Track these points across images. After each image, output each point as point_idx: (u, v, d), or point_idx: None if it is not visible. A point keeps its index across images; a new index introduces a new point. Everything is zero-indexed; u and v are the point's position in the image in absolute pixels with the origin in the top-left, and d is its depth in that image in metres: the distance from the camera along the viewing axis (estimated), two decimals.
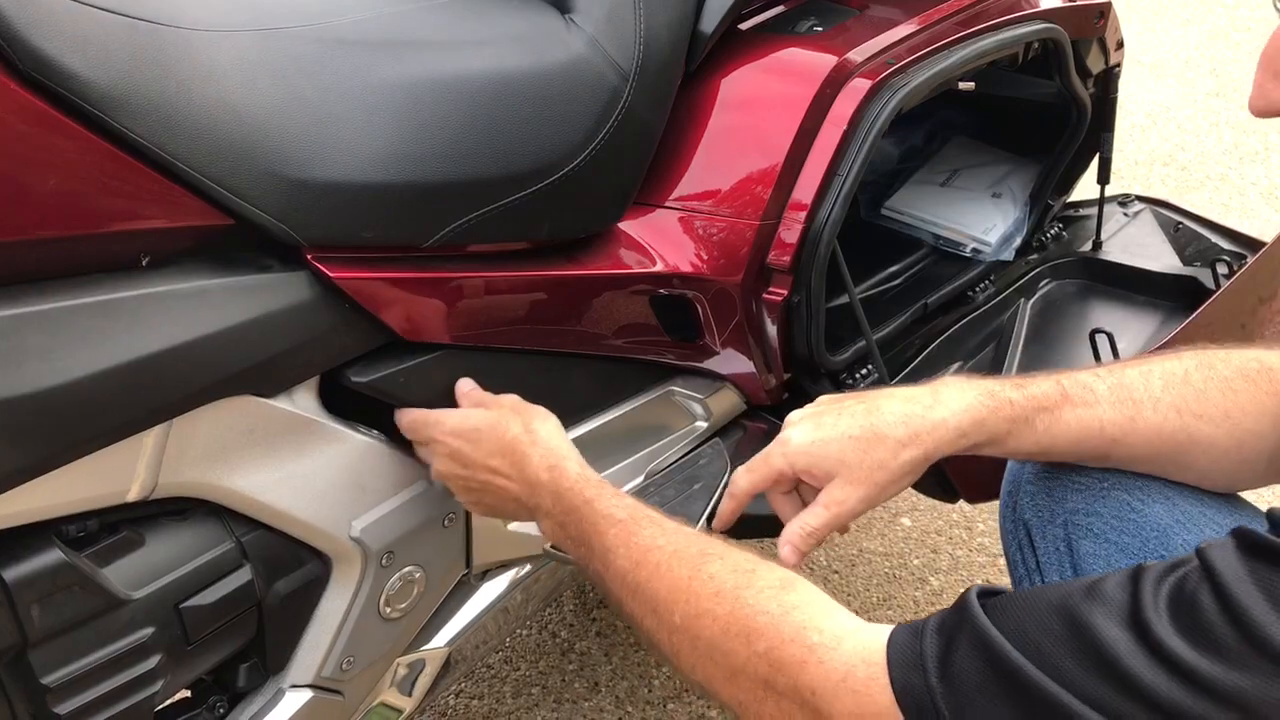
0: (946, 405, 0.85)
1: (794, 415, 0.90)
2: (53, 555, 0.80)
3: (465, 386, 0.99)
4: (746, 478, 0.90)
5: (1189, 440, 0.86)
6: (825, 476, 0.85)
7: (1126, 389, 0.86)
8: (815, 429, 0.86)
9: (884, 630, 0.69)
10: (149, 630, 0.86)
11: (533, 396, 1.06)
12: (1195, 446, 0.86)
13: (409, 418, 0.97)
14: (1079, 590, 0.64)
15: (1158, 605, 0.61)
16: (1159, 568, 0.64)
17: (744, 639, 0.72)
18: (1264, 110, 0.72)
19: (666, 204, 1.14)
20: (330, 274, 0.87)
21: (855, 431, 0.84)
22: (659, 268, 1.10)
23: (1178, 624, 0.59)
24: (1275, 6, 0.70)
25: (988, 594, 0.68)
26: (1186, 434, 0.85)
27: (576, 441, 1.13)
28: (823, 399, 0.91)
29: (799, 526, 0.86)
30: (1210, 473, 0.88)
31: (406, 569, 1.02)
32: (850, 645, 0.69)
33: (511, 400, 0.98)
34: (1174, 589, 0.61)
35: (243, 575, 0.91)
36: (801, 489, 0.90)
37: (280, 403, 0.89)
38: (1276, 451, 0.86)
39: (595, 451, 1.16)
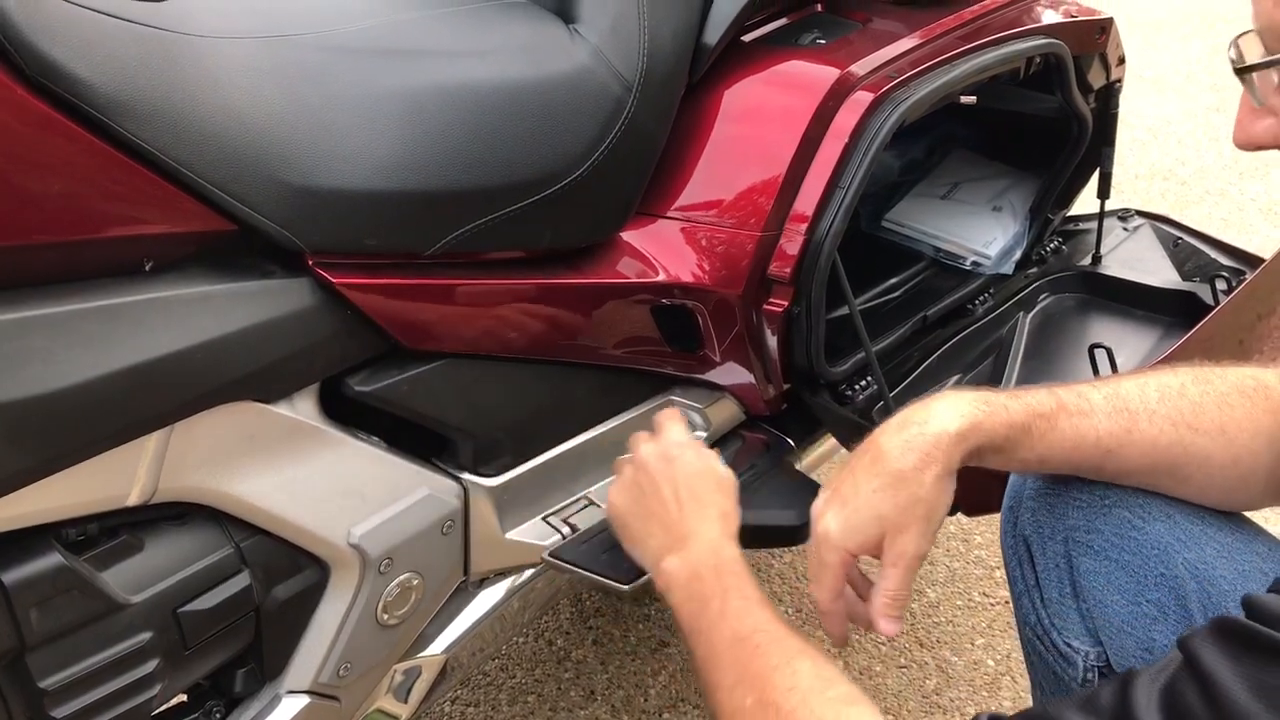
0: (941, 417, 0.85)
1: (817, 505, 0.90)
2: (52, 559, 0.80)
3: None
4: (823, 592, 0.90)
5: (1184, 454, 0.86)
6: (878, 541, 0.86)
7: (1123, 400, 0.87)
8: (843, 507, 0.87)
9: None
10: (147, 635, 0.86)
11: (534, 405, 1.07)
12: (1191, 460, 0.86)
13: (664, 415, 1.06)
14: (1076, 705, 0.65)
15: (1150, 708, 0.62)
16: (1149, 672, 0.65)
17: None
18: (1245, 145, 0.72)
19: (668, 214, 1.14)
20: (333, 279, 0.87)
21: (876, 485, 0.85)
22: (660, 278, 1.11)
23: None
24: (1231, 62, 0.71)
25: None
26: (1182, 447, 0.86)
27: (577, 451, 1.14)
28: (831, 477, 0.92)
29: (883, 597, 0.87)
30: (1206, 488, 0.88)
31: (404, 576, 1.02)
32: None
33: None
34: (1164, 693, 0.62)
35: (241, 580, 0.91)
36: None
37: (281, 409, 0.90)
38: (1274, 470, 0.86)
39: (595, 461, 1.17)
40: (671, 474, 0.99)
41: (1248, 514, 0.93)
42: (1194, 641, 0.62)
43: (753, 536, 1.26)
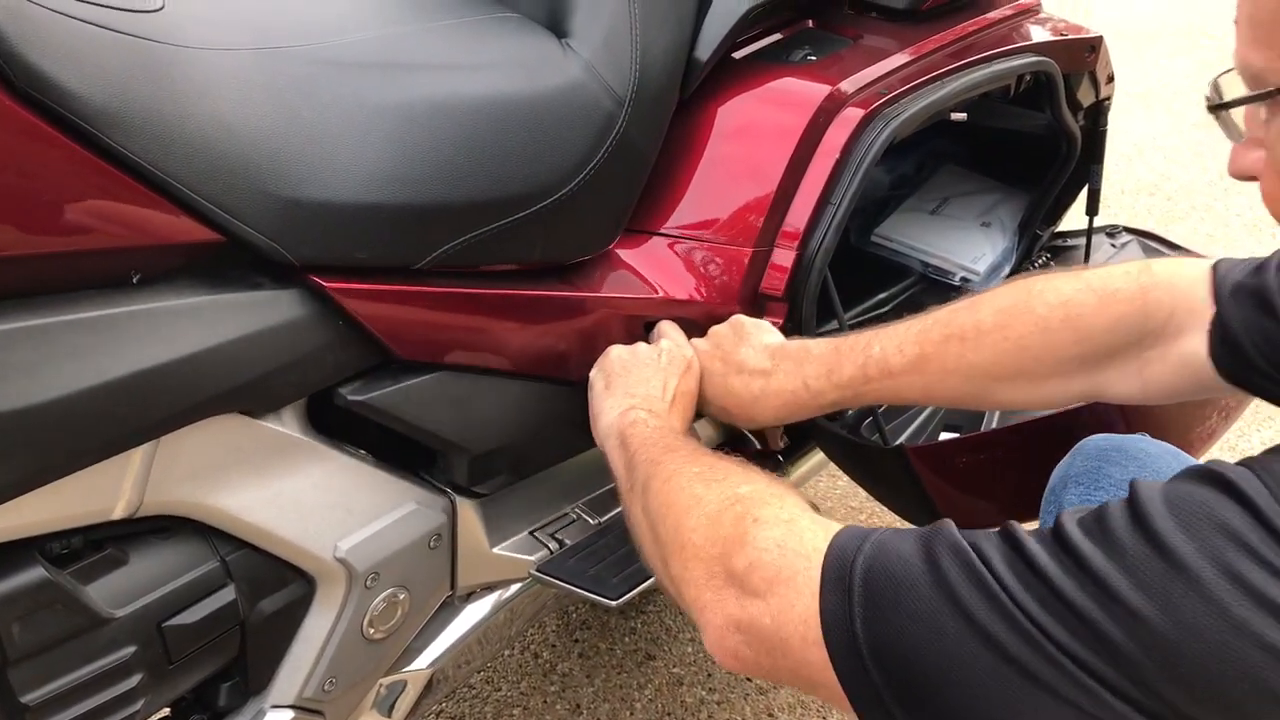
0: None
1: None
2: (35, 572, 0.79)
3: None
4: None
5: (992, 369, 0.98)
6: None
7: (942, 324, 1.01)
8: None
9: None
10: (131, 649, 0.85)
11: (529, 421, 1.06)
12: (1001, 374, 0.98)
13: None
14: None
15: (1077, 520, 0.62)
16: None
17: (734, 485, 0.80)
18: (1239, 175, 0.73)
19: (660, 230, 1.14)
20: (324, 289, 0.87)
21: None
22: (652, 294, 1.10)
23: (1089, 534, 0.60)
24: (1207, 100, 0.72)
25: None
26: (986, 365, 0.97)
27: (566, 466, 1.14)
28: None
29: None
30: (1026, 389, 0.98)
31: (391, 590, 1.01)
32: (809, 518, 0.74)
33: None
34: (1097, 510, 0.63)
35: (226, 594, 0.91)
36: None
37: (268, 422, 0.89)
38: (1089, 383, 0.95)
39: (585, 475, 1.17)
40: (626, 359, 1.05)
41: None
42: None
43: None
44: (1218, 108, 0.68)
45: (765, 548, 0.72)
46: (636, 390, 1.00)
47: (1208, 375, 0.89)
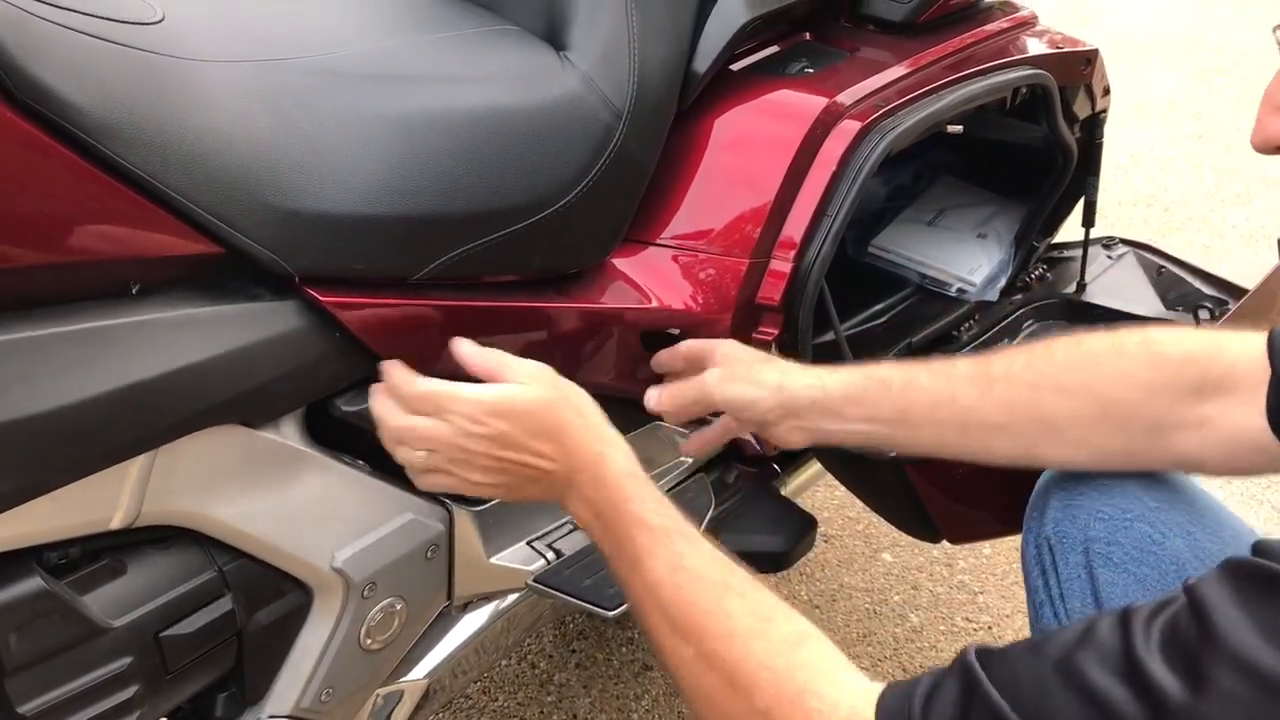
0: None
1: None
2: (33, 583, 0.79)
3: (466, 348, 0.92)
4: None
5: (1047, 412, 0.90)
6: None
7: (985, 364, 0.94)
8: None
9: (880, 690, 0.69)
10: (128, 659, 0.85)
11: None
12: (1056, 418, 0.90)
13: (423, 386, 0.88)
14: (1073, 640, 0.64)
15: (1149, 646, 0.60)
16: (1148, 607, 0.64)
17: (745, 693, 0.73)
18: (1263, 145, 0.72)
19: (657, 241, 1.14)
20: (322, 301, 0.87)
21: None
22: (649, 304, 1.11)
23: (1170, 663, 0.59)
24: (1276, 37, 0.71)
25: (986, 651, 0.67)
26: (1042, 406, 0.90)
27: None
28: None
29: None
30: (1084, 441, 0.91)
31: (388, 600, 1.01)
32: (845, 710, 0.69)
33: (537, 372, 0.91)
34: (1166, 626, 0.61)
35: (224, 605, 0.91)
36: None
37: (266, 432, 0.89)
38: (1156, 418, 0.89)
39: None
40: (516, 437, 0.88)
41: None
42: (1199, 582, 0.61)
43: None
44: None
45: None
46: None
47: (1266, 439, 0.85)
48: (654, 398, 1.09)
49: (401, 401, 0.89)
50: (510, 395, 0.88)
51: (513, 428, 0.88)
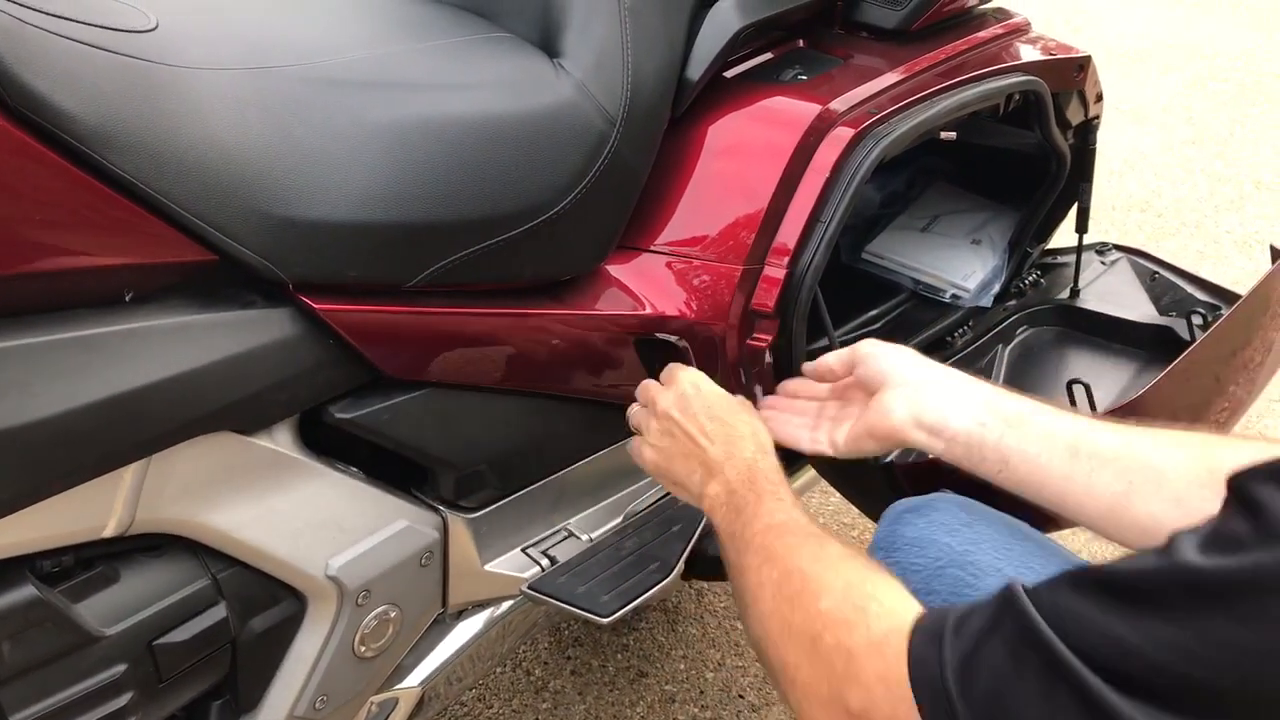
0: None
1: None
2: (26, 591, 0.79)
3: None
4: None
5: (1158, 459, 0.87)
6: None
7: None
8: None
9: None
10: (121, 667, 0.85)
11: (516, 438, 1.06)
12: (1166, 468, 0.86)
13: (648, 388, 1.06)
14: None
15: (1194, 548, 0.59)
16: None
17: (815, 596, 0.77)
18: None
19: (651, 248, 1.14)
20: (315, 308, 0.87)
21: None
22: (643, 311, 1.11)
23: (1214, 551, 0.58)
24: None
25: (1023, 585, 0.67)
26: (1157, 450, 0.87)
27: (557, 483, 1.14)
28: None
29: None
30: (1181, 499, 0.86)
31: (382, 608, 1.01)
32: (896, 618, 0.71)
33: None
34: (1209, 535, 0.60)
35: (217, 612, 0.91)
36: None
37: (260, 440, 0.89)
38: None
39: (577, 492, 1.17)
40: (694, 411, 1.01)
41: None
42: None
43: (724, 567, 1.26)
44: None
45: (871, 684, 0.70)
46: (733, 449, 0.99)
47: None
48: (811, 439, 1.04)
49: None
50: (708, 381, 1.05)
51: (697, 406, 1.01)
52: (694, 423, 1.00)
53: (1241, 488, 0.59)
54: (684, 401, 1.02)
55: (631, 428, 1.08)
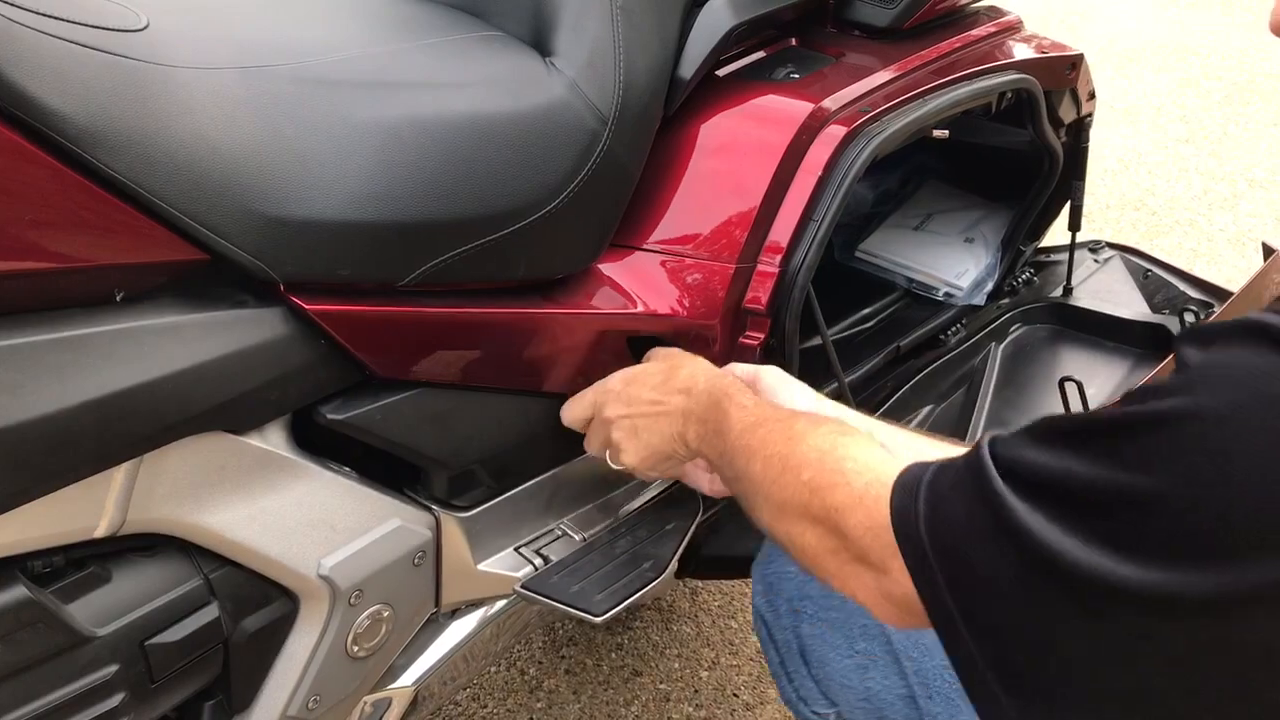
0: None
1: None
2: (17, 591, 0.79)
3: None
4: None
5: None
6: None
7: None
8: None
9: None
10: (113, 668, 0.85)
11: (509, 436, 1.06)
12: None
13: (572, 408, 1.07)
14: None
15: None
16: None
17: (796, 471, 0.80)
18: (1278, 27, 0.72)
19: (644, 246, 1.14)
20: (306, 308, 0.87)
21: None
22: (636, 309, 1.11)
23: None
24: None
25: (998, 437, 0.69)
26: None
27: (550, 482, 1.14)
28: None
29: None
30: None
31: (375, 608, 1.01)
32: (873, 471, 0.74)
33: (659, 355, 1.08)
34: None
35: (210, 612, 0.90)
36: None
37: (252, 439, 0.89)
38: None
39: (570, 491, 1.17)
40: (636, 393, 1.03)
41: None
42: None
43: (717, 566, 1.26)
44: None
45: (861, 535, 0.73)
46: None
47: None
48: (710, 481, 1.07)
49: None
50: (625, 370, 1.07)
51: (631, 387, 1.03)
52: (643, 400, 1.01)
53: (1175, 350, 0.61)
54: (622, 395, 1.03)
55: (599, 456, 1.08)
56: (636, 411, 1.01)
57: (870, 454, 0.77)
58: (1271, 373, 0.52)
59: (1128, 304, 1.63)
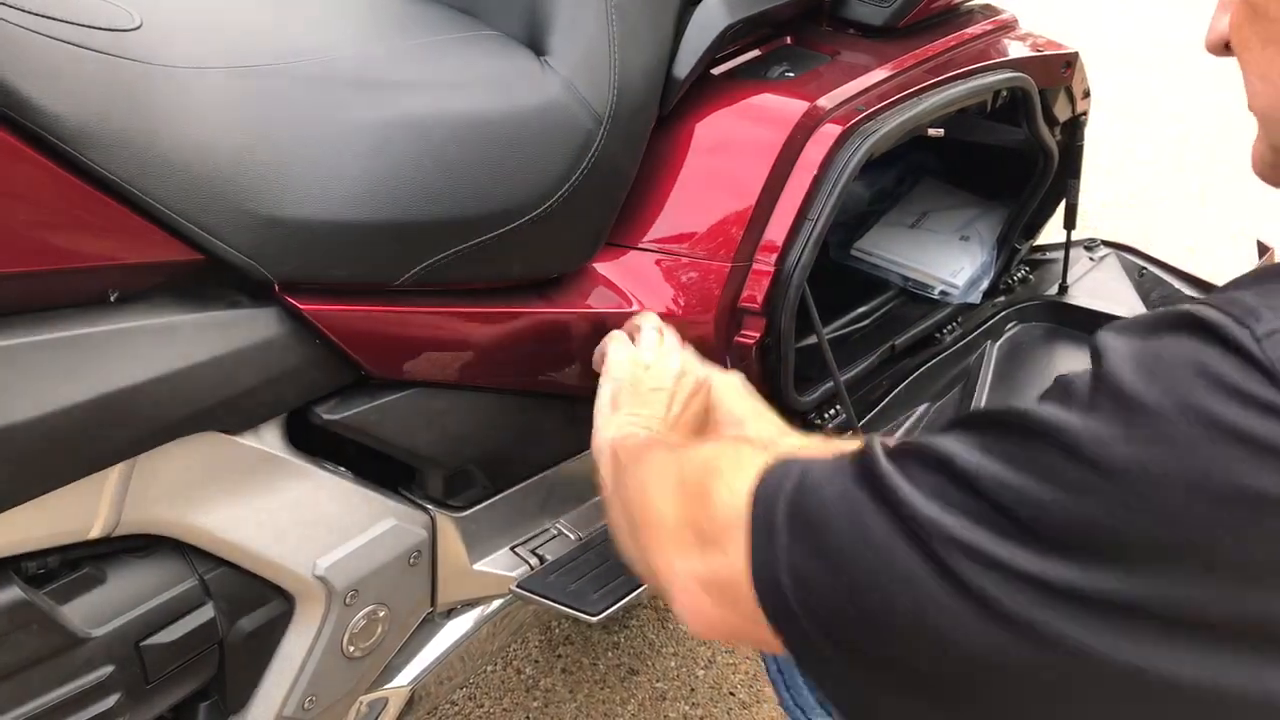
0: None
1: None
2: (11, 592, 0.79)
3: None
4: None
5: None
6: None
7: None
8: None
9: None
10: (108, 669, 0.85)
11: (508, 436, 1.06)
12: None
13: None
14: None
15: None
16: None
17: (673, 468, 0.78)
18: (1212, 45, 0.71)
19: (639, 245, 1.14)
20: (301, 308, 0.87)
21: None
22: (632, 308, 1.11)
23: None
24: None
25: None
26: None
27: (546, 482, 1.14)
28: None
29: None
30: None
31: (370, 608, 1.01)
32: (755, 465, 0.69)
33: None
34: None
35: (205, 613, 0.90)
36: None
37: (246, 440, 0.89)
38: None
39: (566, 490, 1.17)
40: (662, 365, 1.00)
41: None
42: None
43: None
44: None
45: (722, 498, 0.68)
46: (641, 410, 0.97)
47: None
48: None
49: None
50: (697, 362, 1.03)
51: (678, 374, 1.00)
52: (646, 389, 0.99)
53: (1095, 341, 0.58)
54: (638, 384, 1.00)
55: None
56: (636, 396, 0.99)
57: (757, 458, 0.70)
58: (1197, 370, 0.49)
59: (1123, 302, 1.63)
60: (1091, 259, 1.73)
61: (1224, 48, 0.68)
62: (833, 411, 1.31)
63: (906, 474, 0.58)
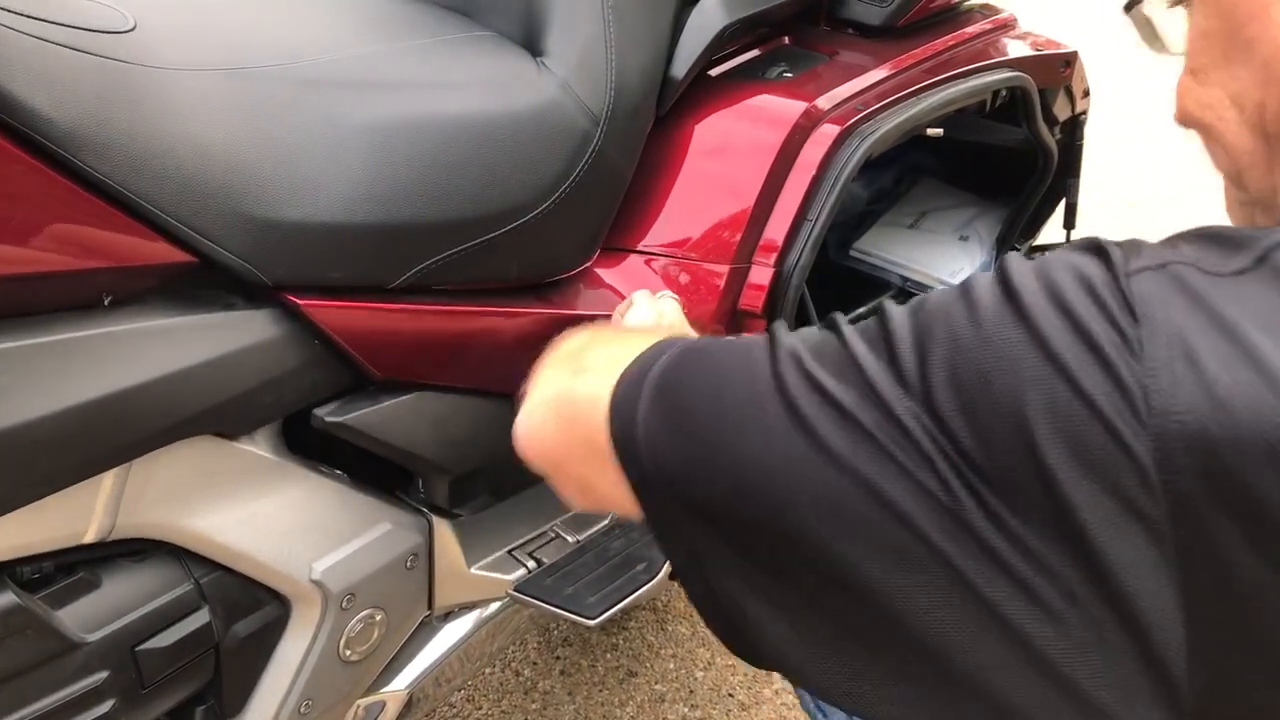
0: None
1: None
2: (6, 597, 0.78)
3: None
4: None
5: None
6: None
7: None
8: None
9: None
10: (104, 674, 0.85)
11: (502, 439, 1.05)
12: None
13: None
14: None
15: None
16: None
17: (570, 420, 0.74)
18: (1181, 118, 0.70)
19: (637, 248, 1.14)
20: (300, 303, 0.86)
21: None
22: None
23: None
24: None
25: None
26: None
27: (544, 485, 1.13)
28: None
29: None
30: None
31: (367, 611, 1.01)
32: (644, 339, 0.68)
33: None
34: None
35: (201, 617, 0.90)
36: None
37: (242, 443, 0.89)
38: None
39: None
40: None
41: None
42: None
43: None
44: (1129, 6, 0.67)
45: (612, 351, 0.68)
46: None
47: None
48: None
49: None
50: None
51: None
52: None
53: (999, 260, 0.59)
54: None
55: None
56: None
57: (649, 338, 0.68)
58: (1077, 277, 0.51)
59: None
60: None
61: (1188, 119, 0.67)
62: None
63: (803, 338, 0.58)
